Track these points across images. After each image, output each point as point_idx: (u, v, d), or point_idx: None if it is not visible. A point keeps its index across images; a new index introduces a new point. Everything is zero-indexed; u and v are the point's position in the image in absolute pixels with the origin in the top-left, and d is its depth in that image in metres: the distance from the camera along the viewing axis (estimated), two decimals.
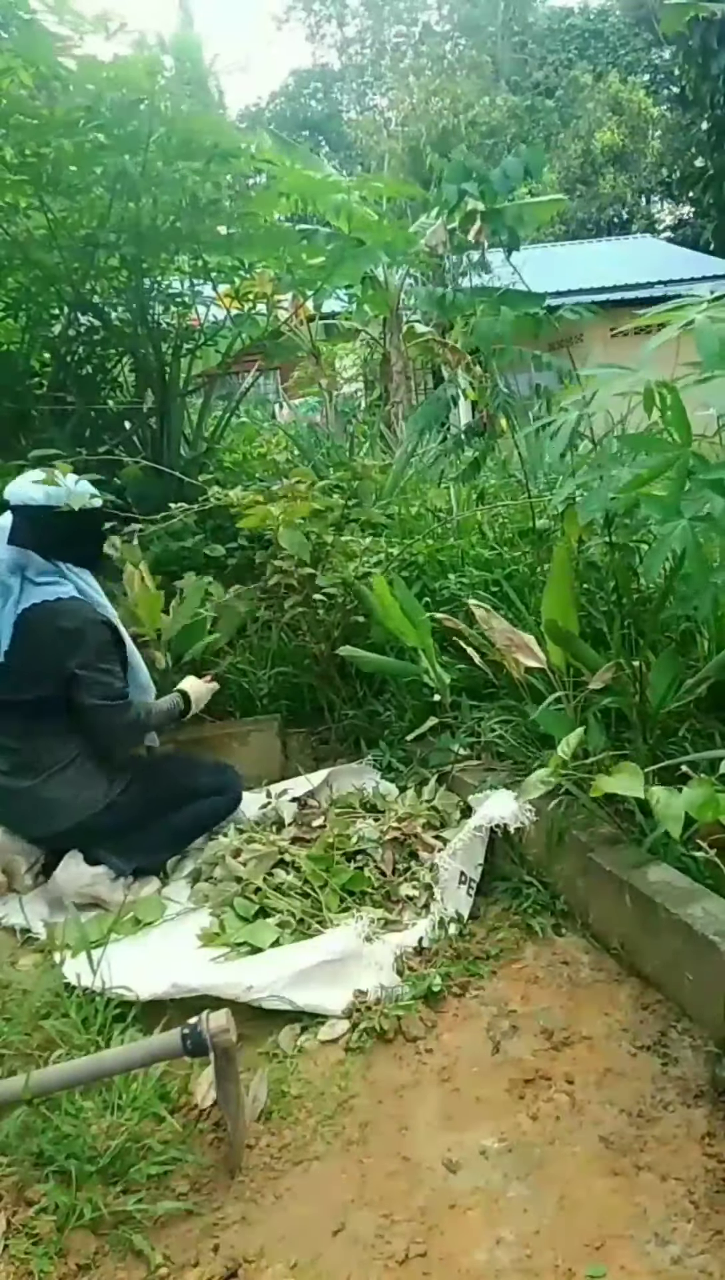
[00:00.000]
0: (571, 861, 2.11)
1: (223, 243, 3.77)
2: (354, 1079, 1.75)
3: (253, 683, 3.26)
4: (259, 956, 2.03)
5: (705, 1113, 1.57)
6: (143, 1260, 1.41)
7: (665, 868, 1.91)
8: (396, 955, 2.05)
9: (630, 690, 2.22)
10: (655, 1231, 1.38)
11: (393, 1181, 1.53)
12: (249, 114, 31.01)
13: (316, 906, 2.21)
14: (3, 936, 2.26)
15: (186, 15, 21.91)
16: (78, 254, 3.52)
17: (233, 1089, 1.54)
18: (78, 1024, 1.78)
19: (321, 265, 4.20)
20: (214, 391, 4.65)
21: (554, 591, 2.34)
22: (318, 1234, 1.44)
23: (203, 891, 2.33)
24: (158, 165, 3.25)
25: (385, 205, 6.10)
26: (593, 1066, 1.71)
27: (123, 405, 4.13)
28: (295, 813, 2.64)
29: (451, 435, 4.18)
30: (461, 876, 2.21)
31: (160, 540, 3.39)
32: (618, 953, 1.97)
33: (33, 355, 4.04)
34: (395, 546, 3.30)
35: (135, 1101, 1.61)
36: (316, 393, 6.91)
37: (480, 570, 3.08)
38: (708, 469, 1.76)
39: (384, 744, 3.00)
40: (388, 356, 7.65)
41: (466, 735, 2.69)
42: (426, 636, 2.74)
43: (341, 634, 3.11)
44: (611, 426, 2.55)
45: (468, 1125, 1.62)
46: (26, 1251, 1.39)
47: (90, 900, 2.32)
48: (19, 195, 3.41)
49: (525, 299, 3.40)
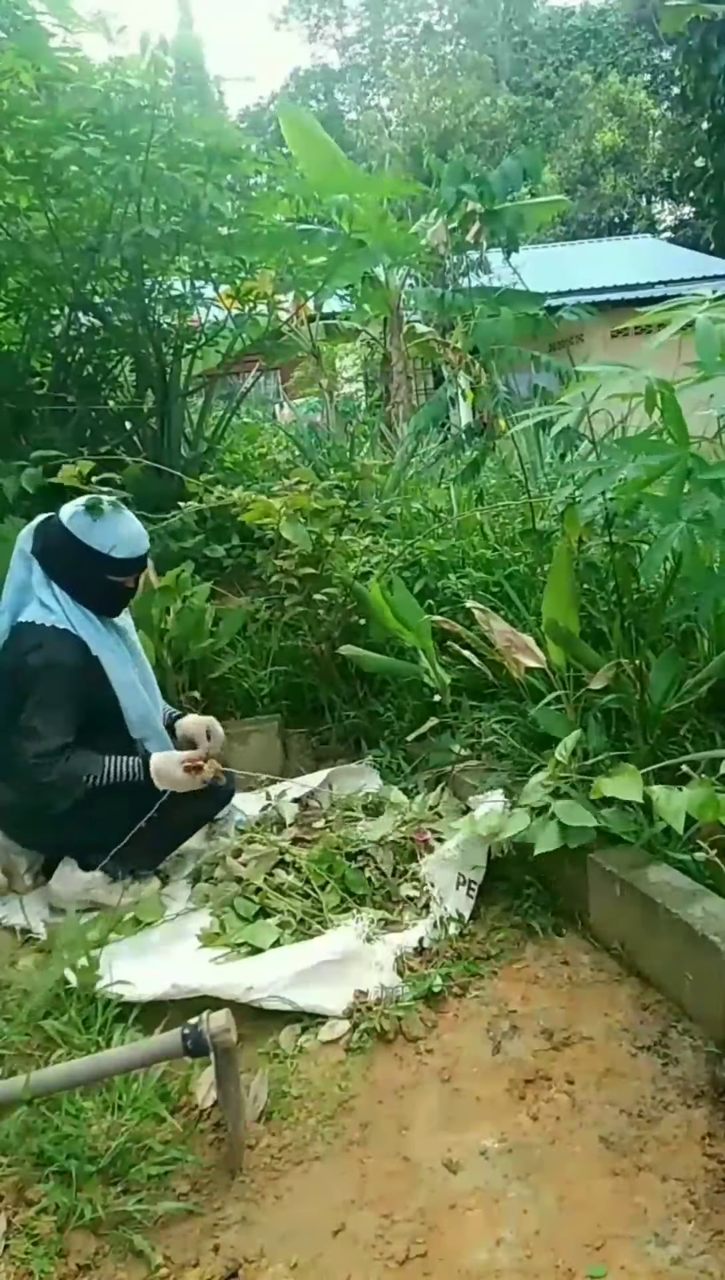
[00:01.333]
0: (572, 861, 2.11)
1: (224, 243, 3.78)
2: (354, 1079, 1.75)
3: (253, 683, 3.27)
4: (259, 957, 2.03)
5: (705, 1113, 1.57)
6: (143, 1260, 1.41)
7: (665, 868, 1.91)
8: (397, 956, 2.04)
9: (630, 690, 2.22)
10: (655, 1232, 1.38)
11: (393, 1182, 1.53)
12: (249, 114, 31.01)
13: (317, 907, 2.21)
14: (3, 936, 2.26)
15: (186, 15, 21.93)
16: (78, 255, 3.52)
17: (233, 1089, 1.54)
18: (78, 1024, 1.78)
19: (322, 265, 4.21)
20: (214, 392, 4.66)
21: (554, 591, 2.34)
22: (318, 1234, 1.44)
23: (203, 892, 2.33)
24: (160, 167, 3.25)
25: (386, 205, 6.10)
26: (593, 1067, 1.71)
27: (123, 405, 4.14)
28: (296, 813, 2.64)
29: (451, 435, 4.19)
30: (459, 879, 2.21)
31: (160, 540, 3.40)
32: (618, 953, 1.97)
33: (33, 355, 4.04)
34: (396, 546, 3.30)
35: (136, 1102, 1.61)
36: (317, 393, 6.91)
37: (481, 571, 3.08)
38: (706, 470, 1.76)
39: (384, 744, 3.01)
40: (388, 357, 7.65)
41: (467, 735, 2.69)
42: (426, 637, 2.74)
43: (342, 634, 3.12)
44: (612, 427, 2.55)
45: (468, 1125, 1.62)
46: (27, 1252, 1.39)
47: (89, 905, 2.32)
48: (20, 196, 3.42)
49: (525, 299, 3.39)
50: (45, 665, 2.21)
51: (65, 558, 2.30)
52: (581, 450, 2.83)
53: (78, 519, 2.30)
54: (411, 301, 7.23)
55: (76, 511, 2.31)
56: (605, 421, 2.56)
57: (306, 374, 6.58)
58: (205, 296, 4.29)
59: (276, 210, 4.29)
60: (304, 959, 1.96)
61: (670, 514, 1.75)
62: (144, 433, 4.15)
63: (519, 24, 28.64)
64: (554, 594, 2.34)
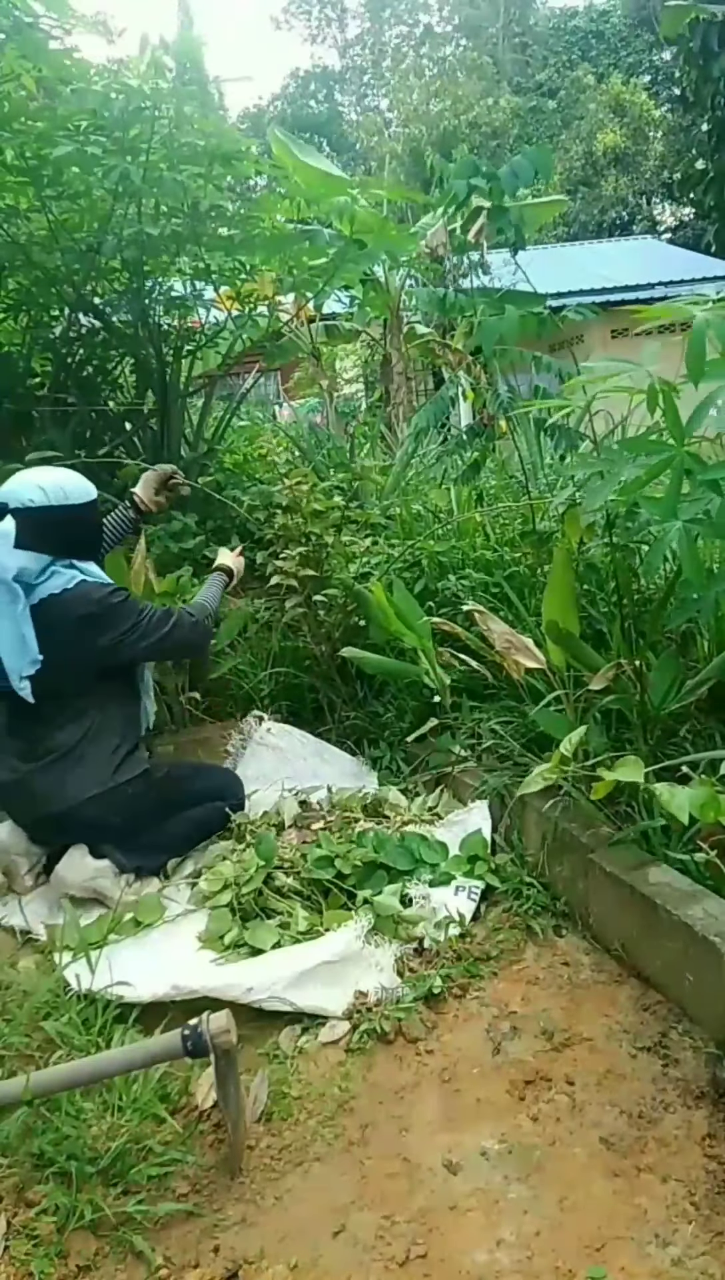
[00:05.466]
0: (571, 863, 2.11)
1: (224, 244, 3.78)
2: (354, 1080, 1.75)
3: (253, 684, 3.27)
4: (259, 958, 2.03)
5: (706, 1114, 1.57)
6: (143, 1261, 1.41)
7: (665, 869, 1.91)
8: (397, 956, 2.05)
9: (631, 691, 2.22)
10: (656, 1233, 1.38)
11: (393, 1183, 1.53)
12: (249, 115, 31.00)
13: (317, 908, 2.21)
14: (3, 937, 2.27)
15: (187, 16, 21.95)
16: (79, 255, 3.52)
17: (233, 1090, 1.54)
18: (78, 1025, 1.78)
19: (323, 267, 4.21)
20: (214, 393, 4.66)
21: (554, 592, 2.34)
22: (318, 1235, 1.44)
23: (203, 892, 2.33)
24: (160, 168, 3.25)
25: (386, 208, 6.11)
26: (593, 1068, 1.71)
27: (123, 406, 4.14)
28: (296, 814, 2.64)
29: (452, 436, 4.18)
30: (457, 888, 2.23)
31: (160, 542, 3.40)
32: (618, 954, 1.97)
33: (34, 356, 4.04)
34: (396, 547, 3.30)
35: (136, 1103, 1.61)
36: (317, 394, 6.91)
37: (481, 571, 3.08)
38: (704, 470, 1.75)
39: (385, 744, 3.01)
40: (388, 357, 7.66)
41: (467, 736, 2.69)
42: (426, 638, 2.74)
43: (342, 635, 3.12)
44: (612, 428, 2.55)
45: (468, 1126, 1.62)
46: (27, 1253, 1.39)
47: (92, 894, 2.32)
48: (20, 197, 3.42)
49: (527, 299, 3.38)
50: (98, 605, 2.33)
51: (63, 529, 2.32)
52: (582, 450, 2.82)
53: (51, 491, 2.30)
54: (412, 302, 7.24)
55: (41, 490, 2.30)
56: (606, 421, 2.56)
57: (306, 375, 6.58)
58: (205, 298, 4.29)
59: (277, 211, 4.30)
60: (304, 960, 1.96)
61: (667, 514, 1.75)
62: (144, 434, 4.15)
63: (520, 25, 28.64)
64: (554, 595, 2.34)
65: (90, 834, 2.37)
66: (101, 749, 2.35)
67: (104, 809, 2.33)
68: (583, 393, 2.15)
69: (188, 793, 2.51)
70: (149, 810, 2.40)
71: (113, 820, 2.35)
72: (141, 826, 2.39)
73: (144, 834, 2.40)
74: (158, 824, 2.42)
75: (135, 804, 2.37)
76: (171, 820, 2.45)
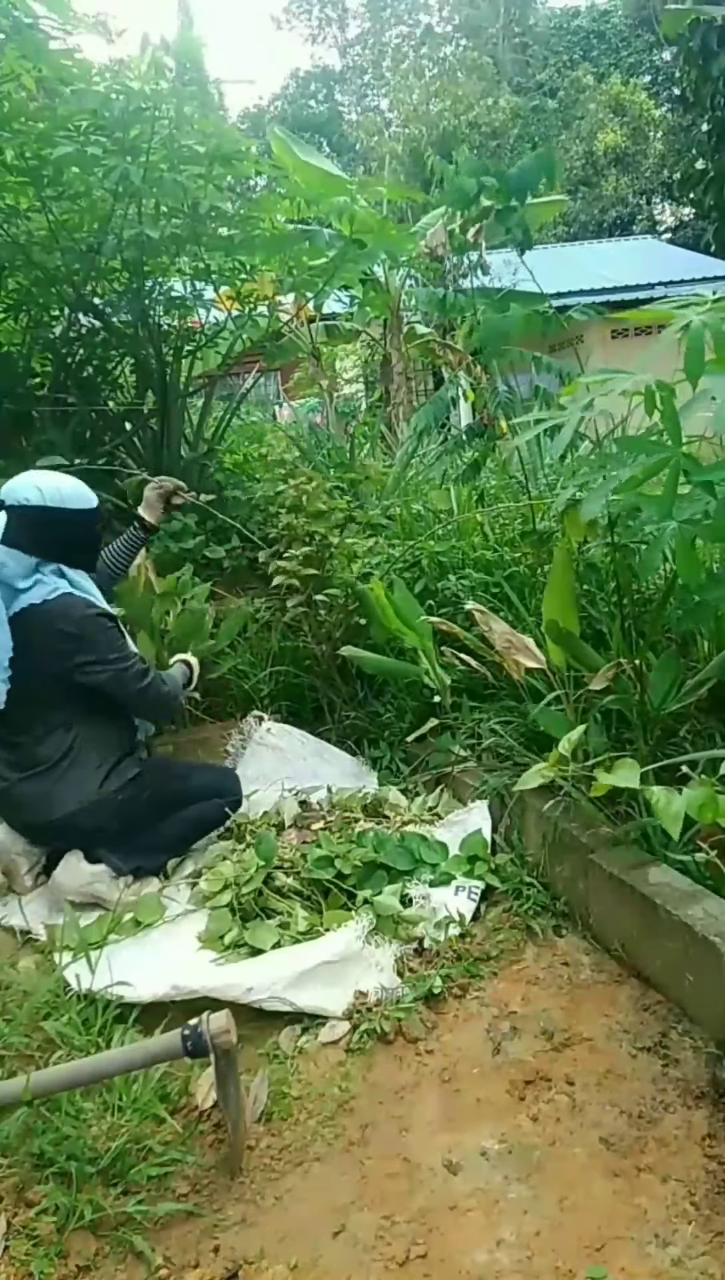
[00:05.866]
0: (572, 863, 2.11)
1: (224, 244, 3.78)
2: (354, 1080, 1.75)
3: (253, 683, 3.27)
4: (259, 958, 2.03)
5: (706, 1114, 1.57)
6: (143, 1261, 1.41)
7: (665, 869, 1.91)
8: (397, 956, 2.05)
9: (631, 691, 2.22)
10: (656, 1233, 1.38)
11: (393, 1183, 1.53)
12: (249, 115, 30.98)
13: (317, 908, 2.21)
14: (3, 937, 2.27)
15: (187, 16, 21.96)
16: (79, 256, 3.52)
17: (233, 1090, 1.54)
18: (78, 1025, 1.78)
19: (323, 267, 4.21)
20: (214, 393, 4.66)
21: (554, 592, 2.34)
22: (318, 1235, 1.44)
23: (203, 892, 2.33)
24: (160, 168, 3.25)
25: (386, 208, 6.12)
26: (593, 1068, 1.71)
27: (123, 407, 4.14)
28: (296, 814, 2.64)
29: (452, 436, 4.18)
30: (457, 888, 2.23)
31: (160, 542, 3.40)
32: (618, 954, 1.97)
33: (34, 357, 4.04)
34: (396, 547, 3.30)
35: (136, 1103, 1.61)
36: (317, 394, 6.91)
37: (481, 571, 3.08)
38: (701, 471, 1.75)
39: (385, 744, 3.01)
40: (388, 358, 7.65)
41: (466, 736, 2.69)
42: (426, 638, 2.74)
43: (343, 634, 3.12)
44: (613, 427, 2.55)
45: (468, 1126, 1.62)
46: (27, 1253, 1.39)
47: (90, 899, 2.32)
48: (20, 198, 3.42)
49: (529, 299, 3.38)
50: (81, 622, 2.30)
51: (56, 531, 2.31)
52: (582, 450, 2.82)
53: (49, 493, 2.30)
54: (412, 302, 7.24)
55: (40, 490, 2.29)
56: (607, 422, 2.56)
57: (306, 375, 6.58)
58: (205, 298, 4.29)
59: (277, 211, 4.30)
60: (304, 960, 1.96)
61: (664, 514, 1.74)
62: (144, 434, 4.15)
63: (520, 25, 28.63)
64: (554, 595, 2.34)
65: (84, 839, 2.36)
66: (85, 765, 2.33)
67: (95, 817, 2.32)
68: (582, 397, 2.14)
69: (182, 792, 2.50)
70: (142, 813, 2.39)
71: (106, 826, 2.34)
72: (136, 829, 2.38)
73: (140, 836, 2.39)
74: (153, 825, 2.41)
75: (127, 809, 2.36)
76: (167, 820, 2.44)
